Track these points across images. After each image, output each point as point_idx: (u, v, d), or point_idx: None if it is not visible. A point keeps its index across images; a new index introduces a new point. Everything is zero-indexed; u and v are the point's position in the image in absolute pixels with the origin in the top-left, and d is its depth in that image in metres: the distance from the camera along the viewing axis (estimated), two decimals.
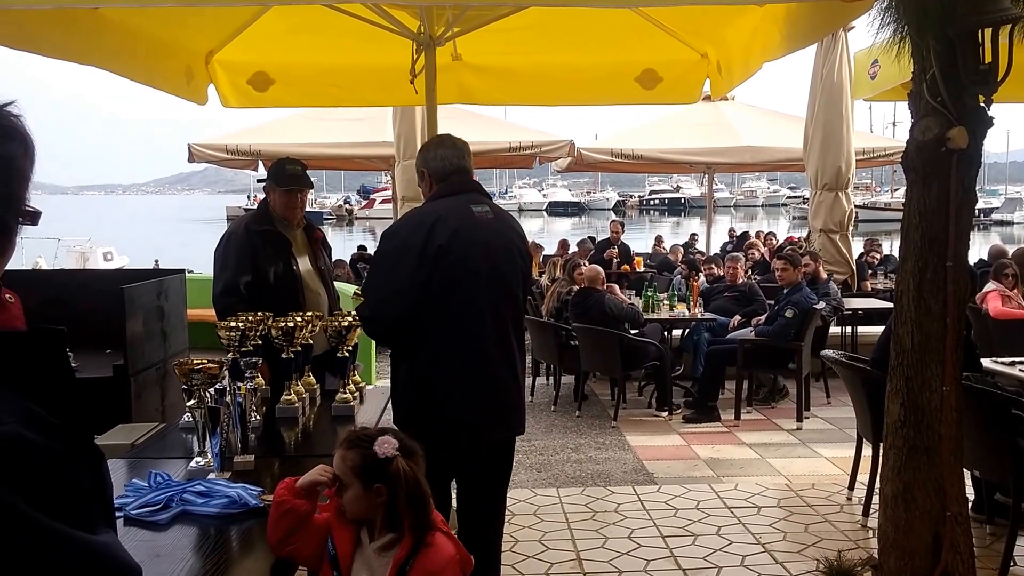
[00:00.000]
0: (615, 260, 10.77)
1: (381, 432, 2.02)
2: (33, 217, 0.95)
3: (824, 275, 7.42)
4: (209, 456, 2.44)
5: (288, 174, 3.76)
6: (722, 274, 8.04)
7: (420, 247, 2.71)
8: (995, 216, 50.75)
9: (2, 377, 0.84)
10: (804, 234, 11.09)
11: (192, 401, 2.52)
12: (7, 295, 3.99)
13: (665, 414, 6.58)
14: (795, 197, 62.71)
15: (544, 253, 12.51)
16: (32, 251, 13.99)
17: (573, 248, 11.96)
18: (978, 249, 10.78)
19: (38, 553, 0.78)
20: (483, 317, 2.78)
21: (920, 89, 3.24)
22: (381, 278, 2.87)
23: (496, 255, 2.82)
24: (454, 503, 3.22)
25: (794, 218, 48.21)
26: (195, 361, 2.51)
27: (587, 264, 7.78)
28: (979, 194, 3.83)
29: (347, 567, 1.95)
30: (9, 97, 0.92)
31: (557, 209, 68.49)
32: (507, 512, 4.37)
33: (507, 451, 3.00)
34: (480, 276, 2.77)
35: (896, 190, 51.59)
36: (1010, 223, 48.96)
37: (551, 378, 7.42)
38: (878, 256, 10.89)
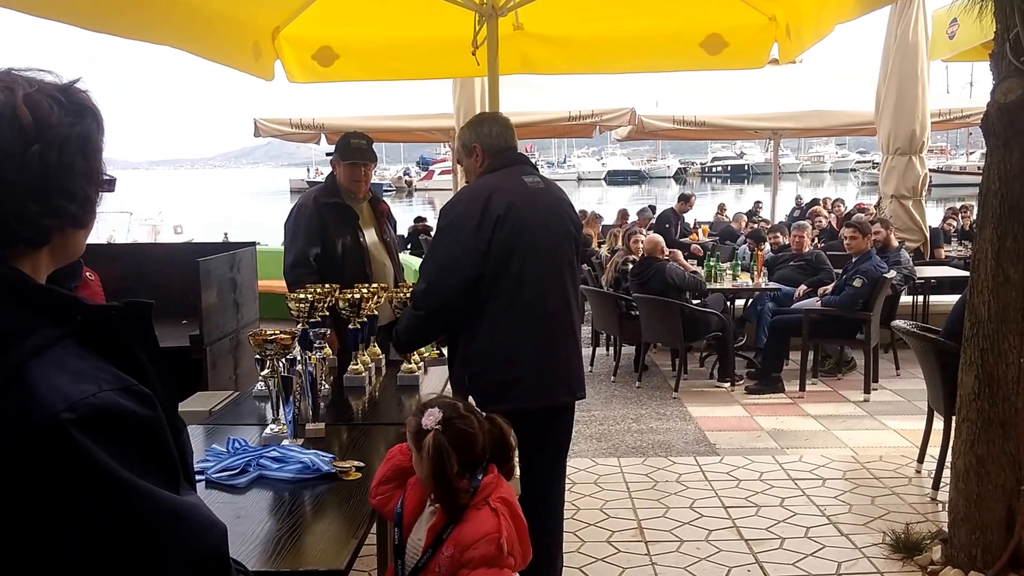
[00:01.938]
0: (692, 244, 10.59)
1: (439, 403, 2.05)
2: (110, 184, 1.00)
3: (895, 243, 7.21)
4: (283, 423, 2.52)
5: (353, 148, 3.84)
6: (787, 243, 7.89)
7: (477, 219, 2.74)
8: None
9: (97, 347, 0.90)
10: (873, 200, 10.77)
11: (266, 371, 2.60)
12: (87, 273, 4.17)
13: (727, 385, 6.53)
14: (864, 162, 60.72)
15: (603, 223, 12.43)
16: (106, 225, 14.62)
17: (633, 218, 11.85)
18: None
19: (134, 513, 0.84)
20: (544, 284, 2.82)
21: (1003, 49, 3.14)
22: (439, 250, 2.86)
23: (551, 223, 2.87)
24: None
25: (863, 184, 46.73)
26: (268, 332, 2.59)
27: (646, 233, 7.72)
28: None
29: (408, 525, 2.05)
30: (79, 73, 0.96)
31: (616, 178, 67.77)
32: (568, 480, 4.45)
33: (568, 415, 3.03)
34: (538, 244, 2.81)
35: (972, 153, 49.42)
36: None
37: (611, 349, 7.42)
38: (954, 224, 10.51)
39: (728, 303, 7.18)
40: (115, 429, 0.84)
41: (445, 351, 3.13)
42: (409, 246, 11.23)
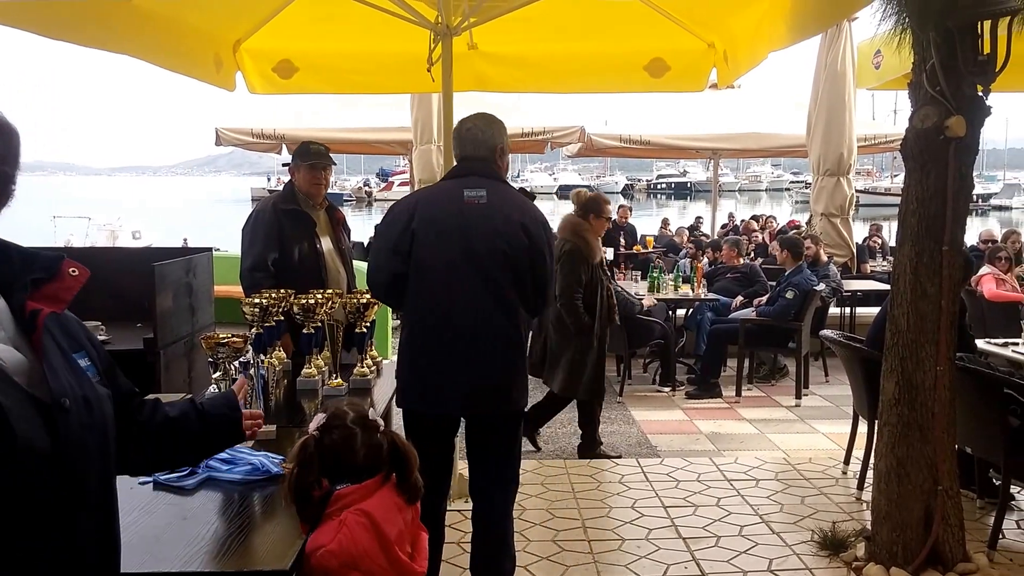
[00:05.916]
0: (622, 244, 10.95)
1: (335, 410, 2.03)
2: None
3: (824, 257, 7.57)
4: None
5: (312, 151, 3.96)
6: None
7: (399, 229, 2.89)
8: (993, 201, 51.29)
9: None
10: (806, 218, 11.23)
11: (218, 373, 2.62)
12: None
13: (668, 390, 6.76)
14: (798, 182, 62.67)
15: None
16: (64, 229, 14.47)
17: None
18: (975, 234, 10.92)
19: None
20: (451, 299, 2.83)
21: (920, 79, 3.33)
22: (373, 249, 3.11)
23: (475, 239, 2.84)
24: (463, 471, 3.38)
25: (796, 202, 48.31)
26: (221, 335, 2.62)
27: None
28: (978, 180, 3.92)
29: None
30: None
31: (567, 192, 68.38)
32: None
33: (483, 427, 2.99)
34: (450, 258, 2.85)
35: (896, 176, 51.59)
36: (1008, 208, 49.19)
37: None
38: (880, 240, 11.07)
39: (670, 312, 7.43)
40: None
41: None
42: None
